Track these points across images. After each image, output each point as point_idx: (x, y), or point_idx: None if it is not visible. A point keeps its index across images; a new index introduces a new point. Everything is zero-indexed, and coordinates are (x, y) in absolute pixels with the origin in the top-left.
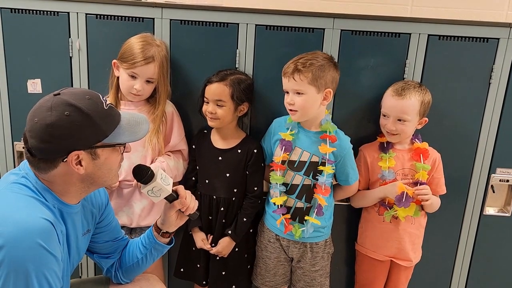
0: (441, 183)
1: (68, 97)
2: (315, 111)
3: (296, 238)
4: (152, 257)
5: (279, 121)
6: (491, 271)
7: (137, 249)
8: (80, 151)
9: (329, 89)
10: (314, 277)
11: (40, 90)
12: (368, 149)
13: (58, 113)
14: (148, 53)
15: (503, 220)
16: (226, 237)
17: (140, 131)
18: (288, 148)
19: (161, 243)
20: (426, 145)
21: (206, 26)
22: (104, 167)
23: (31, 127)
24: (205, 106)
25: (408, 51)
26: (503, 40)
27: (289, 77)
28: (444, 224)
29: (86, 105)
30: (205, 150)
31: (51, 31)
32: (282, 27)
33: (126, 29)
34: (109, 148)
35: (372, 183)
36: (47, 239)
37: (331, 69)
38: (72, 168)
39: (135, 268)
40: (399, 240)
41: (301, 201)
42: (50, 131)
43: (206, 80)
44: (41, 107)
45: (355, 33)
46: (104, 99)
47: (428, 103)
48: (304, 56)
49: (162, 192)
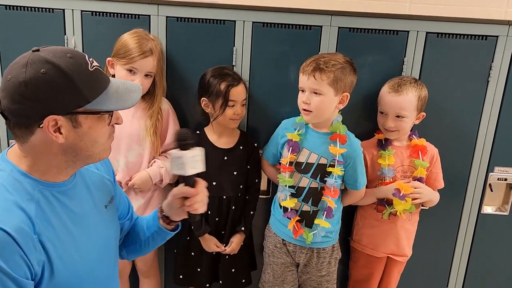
0: (439, 178)
1: (47, 53)
2: (329, 114)
3: (308, 243)
4: (154, 242)
5: (287, 123)
6: (488, 269)
7: (141, 231)
8: (58, 116)
9: (346, 93)
10: (321, 282)
11: None
12: (367, 146)
13: (33, 70)
14: (145, 47)
15: (500, 218)
16: (238, 234)
17: (130, 99)
18: (295, 149)
19: (164, 228)
20: (424, 141)
21: (203, 23)
22: (86, 138)
23: (4, 86)
24: (231, 109)
25: (406, 49)
26: (502, 38)
27: (309, 75)
28: (442, 223)
29: (67, 64)
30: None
31: (46, 28)
32: (279, 24)
33: (122, 26)
34: (93, 116)
35: (370, 181)
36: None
37: (352, 73)
38: (49, 135)
39: (137, 250)
40: (397, 237)
41: (307, 204)
42: (22, 90)
43: (227, 84)
44: (17, 63)
45: (353, 31)
46: (90, 60)
47: (425, 97)
48: (326, 55)
49: (182, 169)
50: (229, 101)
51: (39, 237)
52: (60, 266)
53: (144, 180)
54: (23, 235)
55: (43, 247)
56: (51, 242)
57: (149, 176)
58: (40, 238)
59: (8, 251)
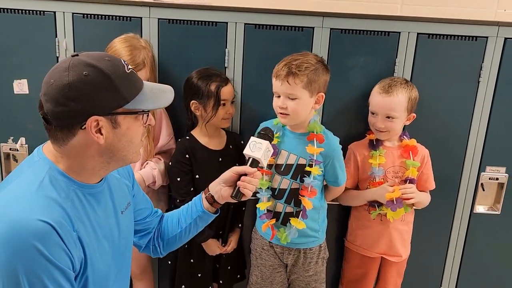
0: (430, 179)
1: (86, 57)
2: (306, 115)
3: (283, 242)
4: (196, 227)
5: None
6: (481, 267)
7: (182, 218)
8: (100, 117)
9: (321, 93)
10: (309, 282)
11: (26, 90)
12: (358, 147)
13: (76, 73)
14: (137, 59)
15: (493, 218)
16: (236, 231)
17: (165, 99)
18: (274, 151)
19: (208, 211)
20: (415, 142)
21: (195, 25)
22: (124, 138)
23: (47, 90)
24: (222, 109)
25: (398, 50)
26: (492, 39)
27: (283, 80)
28: (435, 222)
29: (106, 66)
30: (203, 156)
31: (38, 31)
32: (272, 26)
33: (113, 29)
34: (130, 117)
35: (361, 181)
36: (45, 243)
37: (324, 72)
38: (91, 136)
39: (177, 239)
40: (390, 238)
41: (290, 205)
42: (66, 92)
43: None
44: (58, 68)
45: (344, 32)
46: (126, 63)
47: (415, 98)
48: (297, 58)
49: (257, 152)
50: (221, 100)
51: (77, 234)
52: (90, 266)
53: (138, 181)
54: (65, 230)
55: (81, 245)
56: (86, 241)
57: (142, 178)
58: (78, 235)
59: (52, 241)
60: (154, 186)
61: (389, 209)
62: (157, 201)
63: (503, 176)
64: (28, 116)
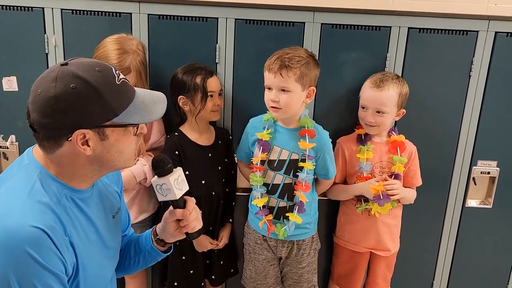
0: (417, 175)
1: (75, 67)
2: (297, 110)
3: (281, 237)
4: (145, 261)
5: (255, 121)
6: (473, 262)
7: (132, 248)
8: (86, 130)
9: (312, 87)
10: (302, 273)
11: (16, 87)
12: (346, 141)
13: (63, 85)
14: (124, 64)
15: (484, 211)
16: (227, 227)
17: (156, 111)
18: (266, 148)
19: (157, 249)
20: (403, 138)
21: (185, 21)
22: (113, 150)
23: (34, 99)
24: (210, 101)
25: (389, 45)
26: (482, 33)
27: (276, 73)
28: (427, 217)
29: (95, 78)
30: (192, 152)
31: (26, 27)
32: (262, 21)
33: (103, 24)
34: (120, 129)
35: (349, 175)
36: (38, 249)
37: (315, 66)
38: (77, 148)
39: (126, 267)
40: (378, 232)
41: (283, 200)
42: (52, 104)
43: (202, 76)
44: (46, 77)
45: (335, 27)
46: (117, 72)
47: (406, 94)
48: (288, 52)
49: (169, 194)
50: (208, 92)
51: (69, 239)
52: (81, 270)
53: (128, 179)
54: (57, 235)
55: (73, 249)
56: (77, 246)
57: (133, 175)
58: (70, 240)
59: (45, 247)
60: (146, 183)
61: (376, 204)
62: (149, 198)
63: (495, 170)
64: (18, 113)
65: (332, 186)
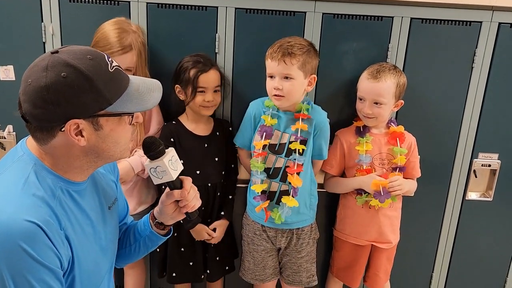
0: (416, 167)
1: (66, 56)
2: (299, 97)
3: (277, 222)
4: (146, 247)
5: (257, 104)
6: (473, 254)
7: (131, 235)
8: (79, 120)
9: (314, 75)
10: (301, 263)
11: (13, 77)
12: (345, 134)
13: (54, 74)
14: (125, 42)
15: (485, 204)
16: (223, 220)
17: (151, 100)
18: (269, 133)
19: (156, 233)
20: (402, 129)
21: (184, 10)
22: (108, 140)
23: (24, 90)
24: (201, 96)
25: (391, 35)
26: (486, 23)
27: (279, 61)
28: (428, 209)
29: (87, 66)
30: (188, 141)
31: (23, 15)
32: (263, 11)
33: (100, 13)
34: (114, 118)
35: (348, 168)
36: (33, 244)
37: (315, 55)
38: (71, 139)
39: (127, 255)
40: (379, 225)
41: (285, 183)
42: (44, 95)
43: (197, 70)
44: (36, 66)
45: (337, 17)
46: (110, 60)
47: (403, 85)
48: (289, 40)
49: (165, 175)
50: (198, 87)
51: (65, 233)
52: (77, 265)
53: (126, 170)
54: (52, 229)
55: (69, 243)
56: (72, 240)
57: (131, 166)
58: (66, 233)
59: (40, 242)
60: (144, 175)
61: (377, 200)
62: (147, 189)
63: (496, 163)
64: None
65: (330, 179)
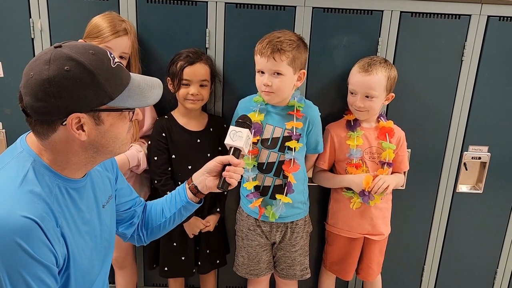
0: (404, 161)
1: (69, 50)
2: (289, 93)
3: (271, 220)
4: (180, 217)
5: (245, 102)
6: (464, 246)
7: (165, 208)
8: (81, 114)
9: (303, 70)
10: (295, 257)
11: (1, 73)
12: (335, 128)
13: (57, 67)
14: (119, 27)
15: (475, 196)
16: (214, 215)
17: (152, 96)
18: (259, 130)
19: (192, 201)
20: (391, 124)
21: (174, 5)
22: (108, 135)
23: (26, 83)
24: (185, 89)
25: (381, 29)
26: (475, 17)
27: (268, 57)
28: (418, 202)
29: (90, 60)
30: (179, 136)
31: (11, 11)
32: (253, 5)
33: (89, 8)
34: (115, 113)
35: (338, 162)
36: (29, 240)
37: (305, 49)
38: (72, 133)
39: (161, 228)
40: (372, 217)
41: (279, 178)
42: (46, 88)
43: (184, 62)
44: (39, 59)
45: (327, 11)
46: (112, 56)
47: (394, 78)
48: (279, 35)
49: (238, 141)
50: (183, 79)
51: (61, 230)
52: (72, 263)
53: (122, 163)
54: (48, 225)
55: (64, 241)
56: (68, 238)
57: (127, 159)
58: (62, 231)
59: (35, 238)
60: (138, 170)
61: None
62: (140, 185)
63: (486, 156)
64: (4, 100)
65: (319, 172)
